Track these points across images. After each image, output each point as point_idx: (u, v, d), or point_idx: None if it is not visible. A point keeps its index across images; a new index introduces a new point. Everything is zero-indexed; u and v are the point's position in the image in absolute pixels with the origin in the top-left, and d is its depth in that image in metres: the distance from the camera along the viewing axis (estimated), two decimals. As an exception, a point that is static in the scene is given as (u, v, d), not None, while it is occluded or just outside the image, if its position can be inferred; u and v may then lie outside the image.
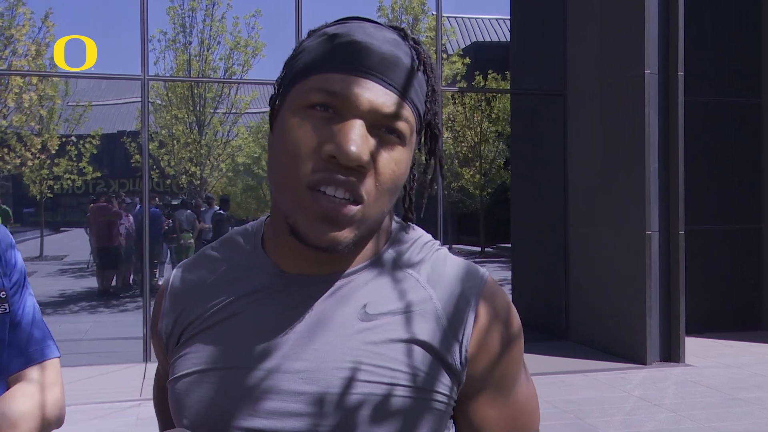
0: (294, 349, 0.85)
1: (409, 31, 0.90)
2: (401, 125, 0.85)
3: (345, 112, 0.83)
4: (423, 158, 0.95)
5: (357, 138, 0.81)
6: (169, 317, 0.95)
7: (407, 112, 0.85)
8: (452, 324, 0.87)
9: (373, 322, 0.86)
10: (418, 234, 0.96)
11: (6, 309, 1.28)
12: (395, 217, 0.98)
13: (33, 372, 1.30)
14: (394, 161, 0.85)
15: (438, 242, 0.97)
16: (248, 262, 0.93)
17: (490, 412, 0.90)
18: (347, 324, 0.86)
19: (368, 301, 0.87)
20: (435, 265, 0.92)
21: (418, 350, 0.85)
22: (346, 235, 0.83)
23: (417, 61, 0.88)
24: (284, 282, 0.89)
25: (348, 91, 0.82)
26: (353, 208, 0.82)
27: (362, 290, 0.88)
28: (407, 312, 0.87)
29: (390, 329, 0.86)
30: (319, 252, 0.85)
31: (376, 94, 0.83)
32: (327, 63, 0.84)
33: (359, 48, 0.84)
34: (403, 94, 0.85)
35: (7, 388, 1.29)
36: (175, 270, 1.00)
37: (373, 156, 0.83)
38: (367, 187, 0.83)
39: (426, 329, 0.86)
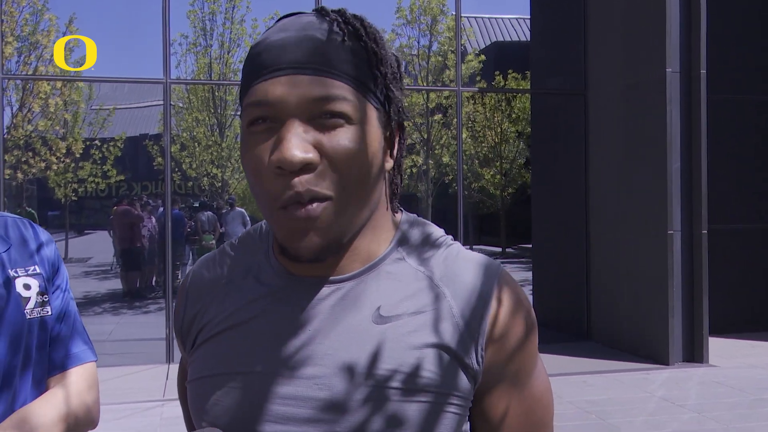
0: (306, 353, 0.84)
1: (330, 8, 0.86)
2: (339, 105, 0.80)
3: (278, 117, 0.81)
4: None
5: (292, 139, 0.79)
6: (187, 315, 0.95)
7: (341, 89, 0.81)
8: (468, 322, 0.85)
9: (388, 324, 0.84)
10: (429, 230, 0.93)
11: (48, 312, 1.31)
12: (406, 213, 0.95)
13: (69, 375, 1.32)
14: (346, 140, 0.80)
15: (450, 237, 0.94)
16: (262, 263, 0.92)
17: (506, 406, 0.88)
18: (361, 327, 0.84)
19: (382, 302, 0.85)
20: (447, 261, 0.89)
21: (435, 352, 0.83)
22: (317, 239, 0.81)
23: (340, 32, 0.83)
24: (294, 285, 0.88)
25: (270, 95, 0.80)
26: (318, 207, 0.80)
27: (375, 292, 0.86)
28: (422, 312, 0.85)
29: (405, 332, 0.84)
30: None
31: (296, 87, 0.80)
32: (250, 76, 0.84)
33: (272, 48, 0.82)
34: (329, 72, 0.81)
35: (46, 389, 1.31)
36: (194, 266, 0.99)
37: (320, 146, 0.80)
38: (327, 180, 0.80)
39: (442, 330, 0.84)
